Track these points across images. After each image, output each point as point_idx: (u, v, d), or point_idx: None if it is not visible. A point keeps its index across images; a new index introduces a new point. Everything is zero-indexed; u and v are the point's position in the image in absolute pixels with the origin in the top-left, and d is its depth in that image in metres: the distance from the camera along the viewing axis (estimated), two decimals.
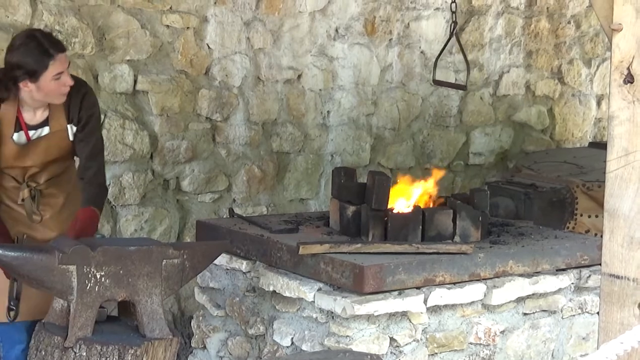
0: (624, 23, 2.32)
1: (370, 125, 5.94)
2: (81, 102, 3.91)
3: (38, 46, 3.71)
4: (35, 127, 3.92)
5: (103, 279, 3.39)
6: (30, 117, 3.90)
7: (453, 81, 5.97)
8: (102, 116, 4.97)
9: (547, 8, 6.55)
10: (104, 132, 4.96)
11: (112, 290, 3.41)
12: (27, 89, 3.75)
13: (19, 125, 3.88)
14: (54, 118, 3.91)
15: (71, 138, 3.96)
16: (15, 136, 3.87)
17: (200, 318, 4.31)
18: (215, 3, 5.27)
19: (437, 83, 5.07)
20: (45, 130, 3.92)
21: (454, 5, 4.70)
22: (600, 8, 2.41)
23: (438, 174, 4.39)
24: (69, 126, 3.94)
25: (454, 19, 4.71)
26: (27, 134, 3.90)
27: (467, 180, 6.34)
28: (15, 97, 3.81)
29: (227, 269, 4.17)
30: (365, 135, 5.90)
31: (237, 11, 5.34)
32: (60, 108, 3.89)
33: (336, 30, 5.72)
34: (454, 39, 4.86)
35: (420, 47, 6.06)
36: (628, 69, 2.32)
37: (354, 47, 5.79)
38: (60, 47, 3.77)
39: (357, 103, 5.85)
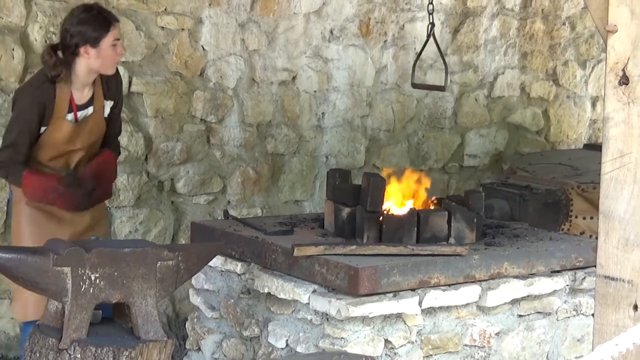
0: (619, 24, 2.32)
1: (365, 127, 5.94)
2: (116, 79, 4.23)
3: (98, 14, 4.06)
4: (83, 107, 4.14)
5: (97, 280, 3.38)
6: (79, 96, 4.12)
7: (448, 84, 5.97)
8: None
9: (542, 9, 6.56)
10: None
11: (107, 292, 3.40)
12: (86, 55, 4.01)
13: (70, 107, 4.09)
14: (96, 97, 4.16)
15: (106, 115, 4.22)
16: (68, 117, 4.09)
17: (195, 320, 4.31)
18: (209, 5, 5.27)
19: (416, 86, 5.05)
20: (90, 110, 4.15)
21: (430, 7, 4.70)
22: (595, 10, 2.41)
23: (414, 176, 4.34)
24: (106, 102, 4.20)
25: (431, 21, 4.71)
26: (75, 115, 4.10)
27: (462, 182, 6.34)
28: (69, 76, 4.04)
29: (222, 271, 4.16)
30: (360, 137, 5.90)
31: (231, 13, 5.34)
32: (99, 86, 4.15)
33: (331, 32, 5.71)
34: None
35: (415, 49, 6.05)
36: (623, 70, 2.32)
37: (349, 49, 5.79)
38: (115, 17, 4.13)
39: (352, 104, 5.85)
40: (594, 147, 5.87)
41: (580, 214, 5.33)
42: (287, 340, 3.83)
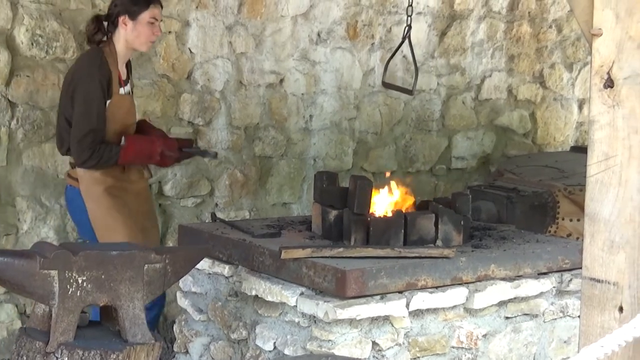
0: (603, 28, 2.33)
1: (352, 130, 5.94)
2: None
3: None
4: (125, 83, 4.44)
5: (85, 283, 3.38)
6: (122, 72, 4.40)
7: (434, 86, 5.99)
8: None
9: (529, 12, 6.58)
10: None
11: (94, 295, 3.40)
12: (124, 26, 4.30)
13: (119, 82, 4.37)
14: (129, 73, 4.49)
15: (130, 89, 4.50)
16: (121, 91, 4.37)
17: (183, 322, 4.30)
18: (197, 7, 5.27)
19: (386, 85, 5.05)
20: (128, 86, 4.47)
21: (410, 9, 4.71)
22: (580, 13, 2.42)
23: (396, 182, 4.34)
24: (131, 78, 4.51)
25: (408, 23, 4.72)
26: (124, 89, 4.40)
27: (450, 184, 6.36)
28: (113, 49, 4.32)
29: (210, 274, 4.16)
30: (347, 140, 5.91)
31: (219, 15, 5.34)
32: (130, 66, 4.48)
33: (318, 35, 5.72)
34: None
35: (402, 51, 6.05)
36: (608, 73, 2.33)
37: (336, 51, 5.80)
38: (159, 1, 4.38)
39: (340, 107, 5.86)
40: (581, 150, 5.90)
41: (567, 216, 5.35)
42: (274, 343, 3.83)
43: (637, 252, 2.29)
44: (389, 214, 4.03)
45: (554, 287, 4.07)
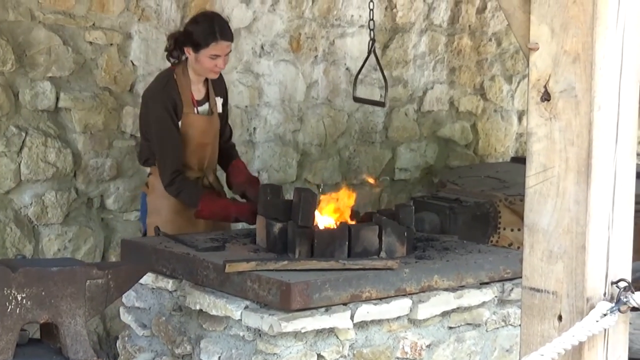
0: (540, 42, 2.37)
1: (296, 142, 5.95)
2: (222, 80, 4.63)
3: (210, 27, 4.39)
4: (201, 103, 4.54)
5: (24, 300, 3.33)
6: (196, 92, 4.52)
7: (377, 98, 6.03)
8: (23, 134, 4.90)
9: (469, 26, 6.67)
10: (25, 151, 4.89)
11: (34, 313, 3.35)
12: (189, 55, 4.42)
13: (192, 102, 4.48)
14: (210, 93, 4.57)
15: (220, 111, 4.63)
16: (194, 110, 4.48)
17: (126, 338, 4.26)
18: (139, 19, 5.24)
19: (358, 100, 5.11)
20: (206, 105, 4.56)
21: (372, 23, 4.75)
22: (517, 28, 2.46)
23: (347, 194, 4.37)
24: (217, 99, 4.60)
25: (372, 37, 4.76)
26: (197, 109, 4.50)
27: (393, 195, 6.40)
28: (186, 68, 4.45)
29: (153, 288, 4.13)
30: (291, 152, 5.92)
31: (161, 27, 5.32)
32: (212, 86, 4.57)
33: (262, 47, 5.73)
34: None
35: (345, 64, 6.11)
36: (545, 87, 2.37)
37: (280, 64, 5.81)
38: (227, 36, 4.43)
39: (284, 119, 5.87)
40: (521, 160, 5.98)
41: (508, 226, 5.42)
42: (219, 357, 3.81)
43: (575, 262, 2.33)
44: (333, 226, 4.04)
45: (495, 296, 4.12)
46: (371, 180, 4.45)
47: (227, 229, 4.73)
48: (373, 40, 4.77)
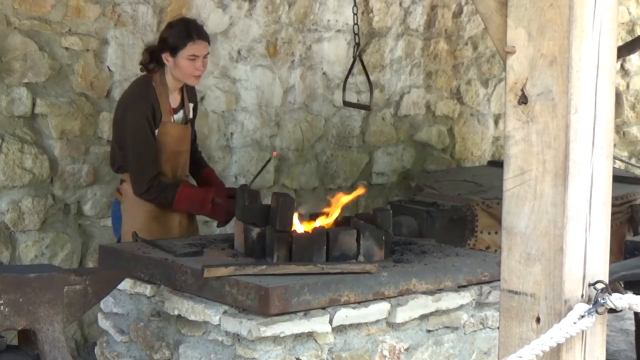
0: (517, 46, 2.39)
1: (273, 147, 5.96)
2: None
3: (185, 28, 4.40)
4: (176, 111, 4.53)
5: (2, 307, 3.31)
6: (172, 100, 4.51)
7: (355, 101, 6.05)
8: (0, 140, 4.87)
9: (445, 30, 6.70)
10: (2, 157, 4.86)
11: (12, 319, 3.33)
12: (167, 62, 4.40)
13: (169, 110, 4.47)
14: (185, 100, 4.56)
15: (191, 116, 4.64)
16: (171, 118, 4.48)
17: (104, 344, 4.24)
18: (115, 25, 5.23)
19: (347, 104, 5.13)
20: (181, 113, 4.55)
21: (356, 27, 4.76)
22: (494, 31, 2.48)
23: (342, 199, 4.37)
24: (190, 104, 4.61)
25: (357, 41, 4.77)
26: (173, 117, 4.50)
27: (371, 199, 6.41)
28: (163, 78, 4.43)
29: (131, 294, 4.11)
30: (268, 157, 5.91)
31: (137, 33, 5.31)
32: (186, 93, 4.56)
33: (238, 52, 5.73)
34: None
35: (322, 69, 6.12)
36: (522, 90, 2.39)
37: (257, 69, 5.81)
38: (203, 36, 4.44)
39: (261, 124, 5.87)
40: (497, 164, 6.02)
41: (485, 229, 5.45)
42: None
43: (553, 264, 2.35)
44: (311, 231, 4.04)
45: (473, 299, 4.14)
46: (361, 191, 4.45)
47: (202, 237, 4.72)
48: (358, 44, 4.78)
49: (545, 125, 2.35)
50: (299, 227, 4.08)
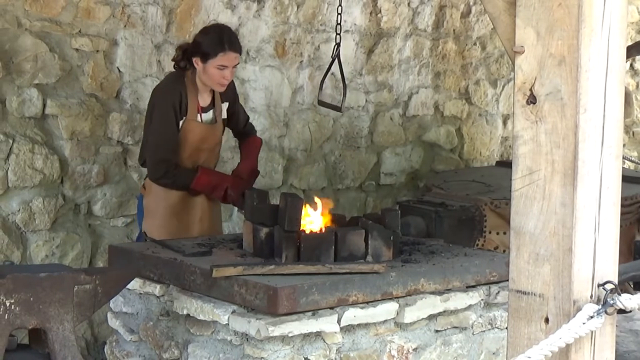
0: (525, 46, 2.39)
1: (282, 147, 5.96)
2: (231, 86, 4.67)
3: (219, 37, 4.46)
4: (206, 110, 4.60)
5: (13, 306, 3.33)
6: (202, 99, 4.58)
7: (363, 103, 6.05)
8: (10, 141, 4.89)
9: (454, 30, 6.70)
10: (13, 157, 4.88)
11: (23, 318, 3.35)
12: (197, 66, 4.47)
13: (197, 109, 4.55)
14: (215, 100, 4.64)
15: (224, 117, 4.71)
16: (197, 118, 4.55)
17: (114, 343, 4.26)
18: (125, 26, 5.24)
19: (320, 104, 5.11)
20: (211, 113, 4.63)
21: (339, 27, 4.77)
22: (503, 31, 2.48)
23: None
24: (222, 105, 4.69)
25: (337, 41, 4.77)
26: (201, 116, 4.57)
27: (379, 200, 6.42)
28: (194, 76, 4.50)
29: (141, 294, 4.13)
30: (277, 157, 5.93)
31: (147, 34, 5.32)
32: (217, 93, 4.63)
33: (247, 53, 5.74)
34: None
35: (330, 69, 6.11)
36: (530, 90, 2.39)
37: (265, 70, 5.82)
38: (234, 47, 4.50)
39: (269, 125, 5.88)
40: (506, 164, 6.01)
41: (493, 230, 5.44)
42: None
43: (562, 264, 2.35)
44: (320, 231, 4.05)
45: (482, 299, 4.14)
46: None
47: (220, 233, 4.76)
48: (338, 44, 4.78)
49: (554, 125, 2.35)
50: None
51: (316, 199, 4.29)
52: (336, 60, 4.76)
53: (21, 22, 4.89)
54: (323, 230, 4.08)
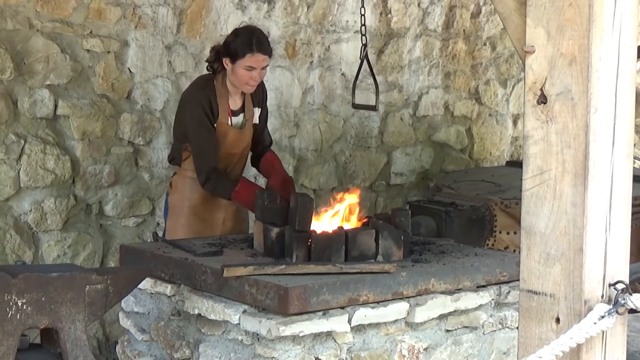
0: (536, 45, 2.39)
1: (292, 147, 5.97)
2: (262, 89, 4.70)
3: (249, 39, 4.47)
4: (236, 114, 4.61)
5: (25, 306, 3.34)
6: (232, 102, 4.60)
7: (372, 102, 6.05)
8: (22, 141, 4.91)
9: (464, 30, 6.70)
10: (25, 158, 4.91)
11: (34, 318, 3.36)
12: (227, 66, 4.49)
13: (227, 112, 4.56)
14: (246, 104, 4.63)
15: (255, 121, 4.70)
16: (228, 120, 4.56)
17: (125, 343, 4.27)
18: (136, 27, 5.26)
19: (356, 106, 5.14)
20: (241, 117, 4.63)
21: (363, 28, 4.79)
22: (513, 31, 2.48)
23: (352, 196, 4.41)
24: (255, 110, 4.68)
25: (364, 42, 4.79)
26: (231, 120, 4.58)
27: (389, 200, 6.42)
28: (225, 79, 4.52)
29: (152, 293, 4.14)
30: (288, 157, 5.93)
31: (158, 35, 5.34)
32: (249, 97, 4.62)
33: None
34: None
35: (340, 69, 6.13)
36: (541, 89, 2.39)
37: (276, 70, 5.83)
38: (264, 49, 4.49)
39: (280, 125, 5.89)
40: (516, 164, 6.01)
41: (504, 229, 5.44)
42: None
43: (572, 264, 2.35)
44: (330, 231, 4.06)
45: (492, 299, 4.14)
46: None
47: (222, 237, 4.75)
48: (365, 45, 4.80)
49: (564, 125, 2.35)
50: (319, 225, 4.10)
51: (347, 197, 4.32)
52: (365, 61, 4.81)
53: (32, 24, 4.91)
54: (333, 230, 4.08)
